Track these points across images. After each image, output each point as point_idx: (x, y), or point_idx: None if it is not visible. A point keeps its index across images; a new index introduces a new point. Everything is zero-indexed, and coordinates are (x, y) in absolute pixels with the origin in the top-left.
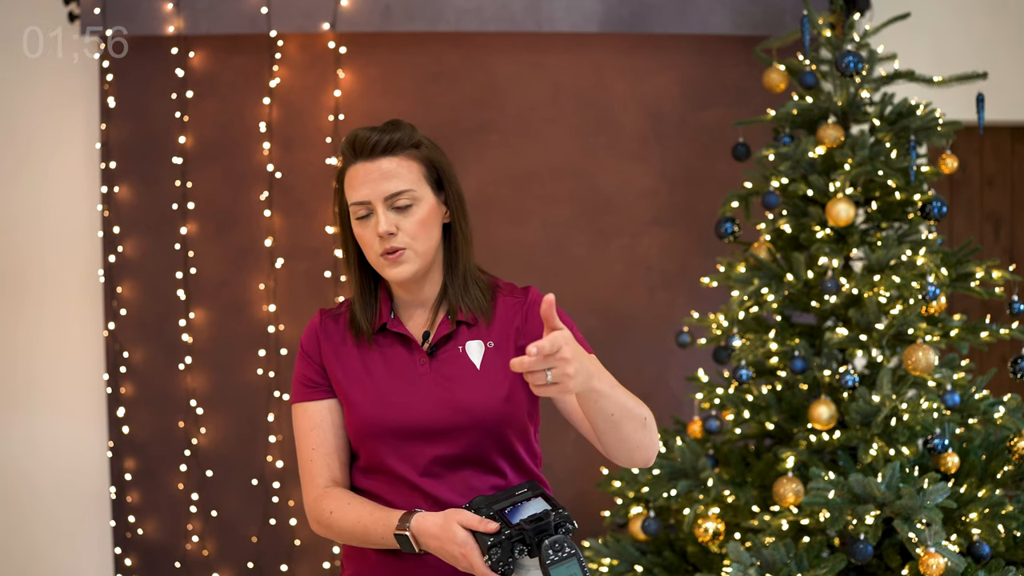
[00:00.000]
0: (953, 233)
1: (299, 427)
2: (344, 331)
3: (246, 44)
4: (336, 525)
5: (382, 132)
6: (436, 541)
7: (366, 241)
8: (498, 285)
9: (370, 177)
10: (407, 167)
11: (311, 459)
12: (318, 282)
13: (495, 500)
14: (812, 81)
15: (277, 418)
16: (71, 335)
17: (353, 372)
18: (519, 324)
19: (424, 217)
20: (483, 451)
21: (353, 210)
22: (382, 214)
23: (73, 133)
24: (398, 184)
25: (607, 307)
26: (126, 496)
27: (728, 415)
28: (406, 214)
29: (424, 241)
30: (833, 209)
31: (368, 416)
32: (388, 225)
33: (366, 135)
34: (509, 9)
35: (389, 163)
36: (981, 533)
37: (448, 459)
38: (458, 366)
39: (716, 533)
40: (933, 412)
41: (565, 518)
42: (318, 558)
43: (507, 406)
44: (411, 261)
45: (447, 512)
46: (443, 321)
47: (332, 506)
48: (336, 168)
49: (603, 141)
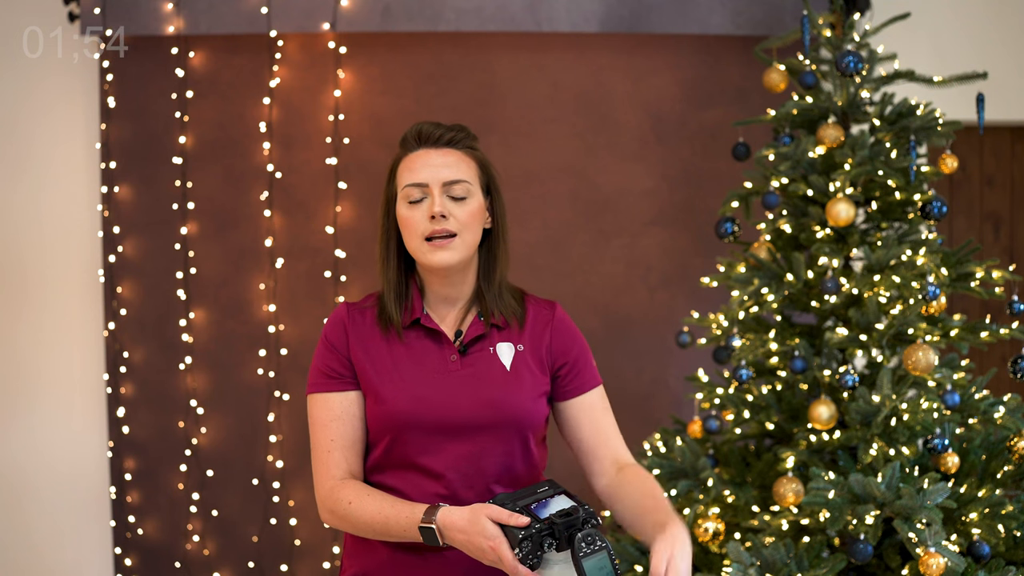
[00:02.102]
0: (953, 233)
1: (317, 417)
2: (371, 325)
3: (246, 44)
4: (353, 516)
5: (447, 128)
6: (463, 535)
7: (413, 224)
8: (525, 293)
9: (431, 162)
10: (466, 163)
11: (328, 450)
12: (318, 282)
13: (519, 497)
14: (812, 81)
15: (277, 418)
16: (71, 335)
17: (382, 366)
18: (548, 341)
19: (475, 211)
20: (506, 449)
21: (406, 193)
22: (438, 197)
23: (73, 133)
24: (457, 173)
25: (607, 307)
26: (126, 496)
27: (728, 415)
28: (460, 204)
29: (471, 233)
30: (833, 209)
31: (399, 411)
32: (442, 207)
33: (432, 126)
34: (509, 9)
35: (451, 154)
36: (981, 533)
37: (472, 455)
38: (489, 366)
39: (716, 533)
40: (933, 412)
41: (591, 514)
42: (318, 558)
43: (534, 407)
44: (457, 249)
45: (474, 507)
46: (475, 321)
47: (351, 496)
48: (393, 156)
49: (603, 141)
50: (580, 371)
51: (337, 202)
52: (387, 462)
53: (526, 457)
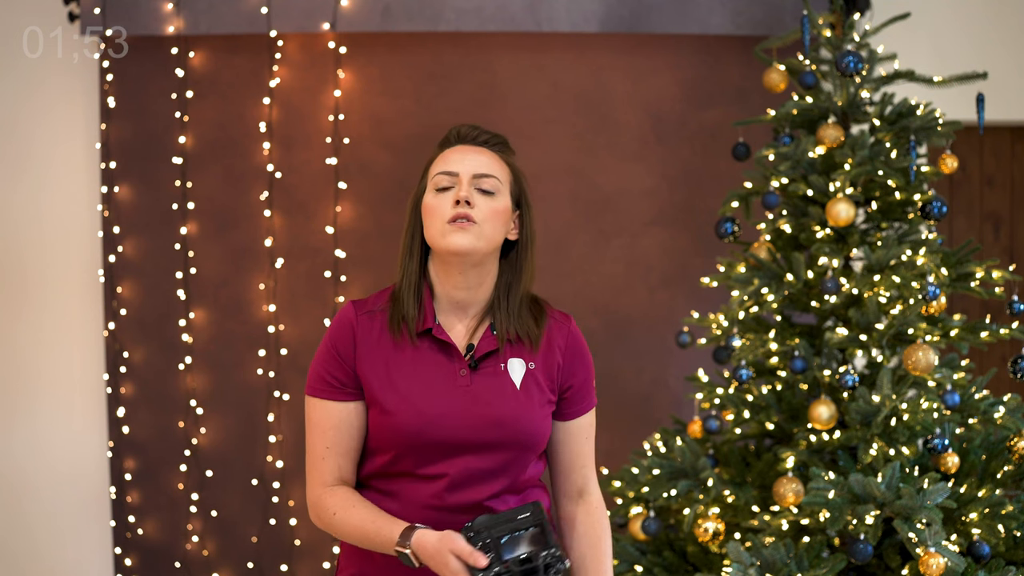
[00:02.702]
0: (953, 233)
1: (315, 421)
2: (381, 330)
3: (246, 44)
4: (336, 527)
5: (487, 132)
6: (432, 561)
7: (437, 210)
8: (545, 307)
9: (466, 156)
10: (500, 165)
11: (323, 456)
12: (318, 282)
13: (496, 523)
14: (812, 81)
15: (277, 418)
16: (71, 335)
17: (390, 379)
18: (560, 361)
19: (500, 209)
20: (508, 466)
21: (436, 180)
22: (466, 185)
23: (73, 133)
24: (489, 169)
25: (607, 307)
26: (126, 496)
27: (728, 415)
28: (487, 198)
29: (492, 228)
30: (833, 209)
31: (405, 426)
32: (468, 194)
33: (471, 127)
34: (509, 9)
35: (487, 153)
36: (981, 533)
37: (474, 468)
38: (498, 382)
39: (716, 533)
40: (933, 412)
41: (557, 558)
42: (318, 558)
43: (540, 427)
44: (475, 235)
45: (443, 536)
46: (487, 334)
47: (336, 507)
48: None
49: (603, 141)
50: (583, 396)
51: (337, 202)
52: (387, 472)
53: (526, 469)
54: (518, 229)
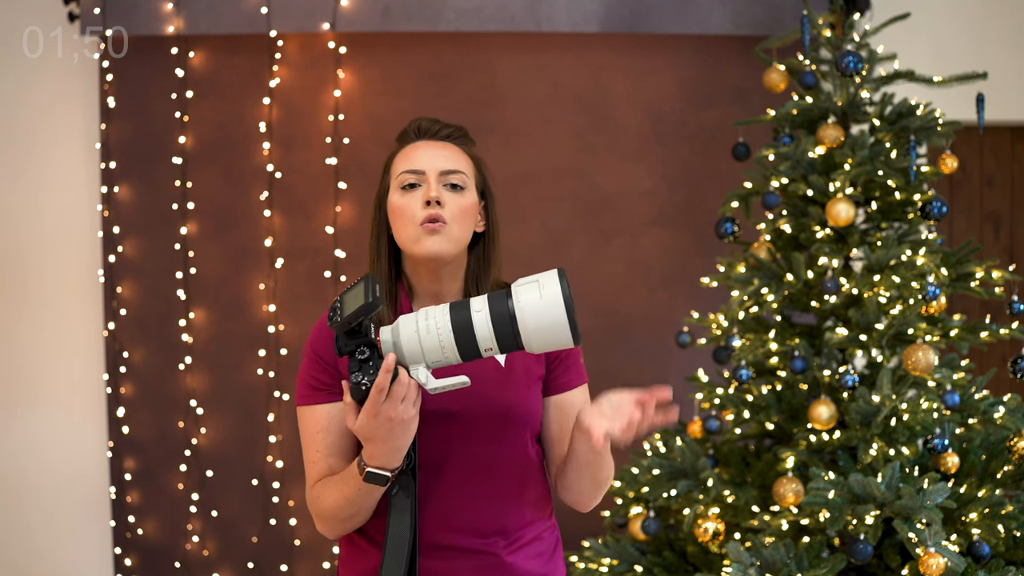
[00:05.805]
0: (953, 233)
1: (305, 429)
2: None
3: (246, 44)
4: (326, 511)
5: (446, 124)
6: (370, 430)
7: (406, 211)
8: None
9: (429, 152)
10: (464, 159)
11: (314, 461)
12: (318, 282)
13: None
14: (812, 81)
15: (277, 418)
16: (71, 335)
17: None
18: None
19: (468, 205)
20: (502, 447)
21: (401, 179)
22: (434, 183)
23: (73, 133)
24: (455, 164)
25: (607, 307)
26: (126, 496)
27: (728, 415)
28: (455, 194)
29: (461, 227)
30: (833, 209)
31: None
32: (438, 193)
33: (431, 121)
34: (509, 9)
35: (449, 147)
36: (981, 533)
37: (460, 441)
38: (482, 363)
39: (716, 533)
40: (933, 412)
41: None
42: (318, 558)
43: (529, 404)
44: (446, 237)
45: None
46: None
47: (318, 494)
48: (389, 152)
49: (603, 141)
50: (569, 367)
51: (337, 202)
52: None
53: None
54: (484, 220)
